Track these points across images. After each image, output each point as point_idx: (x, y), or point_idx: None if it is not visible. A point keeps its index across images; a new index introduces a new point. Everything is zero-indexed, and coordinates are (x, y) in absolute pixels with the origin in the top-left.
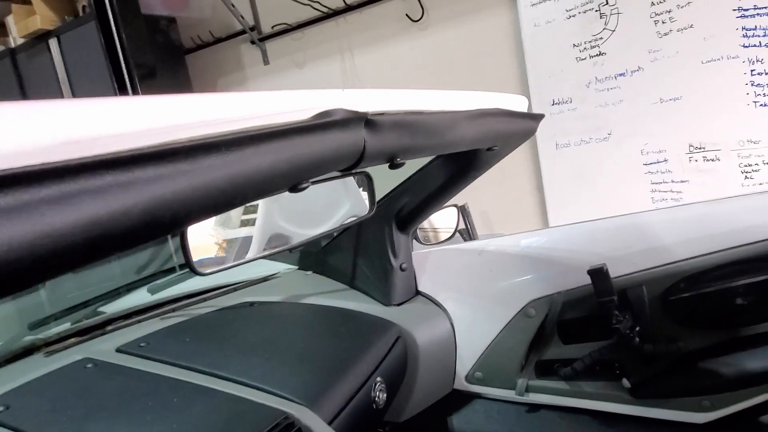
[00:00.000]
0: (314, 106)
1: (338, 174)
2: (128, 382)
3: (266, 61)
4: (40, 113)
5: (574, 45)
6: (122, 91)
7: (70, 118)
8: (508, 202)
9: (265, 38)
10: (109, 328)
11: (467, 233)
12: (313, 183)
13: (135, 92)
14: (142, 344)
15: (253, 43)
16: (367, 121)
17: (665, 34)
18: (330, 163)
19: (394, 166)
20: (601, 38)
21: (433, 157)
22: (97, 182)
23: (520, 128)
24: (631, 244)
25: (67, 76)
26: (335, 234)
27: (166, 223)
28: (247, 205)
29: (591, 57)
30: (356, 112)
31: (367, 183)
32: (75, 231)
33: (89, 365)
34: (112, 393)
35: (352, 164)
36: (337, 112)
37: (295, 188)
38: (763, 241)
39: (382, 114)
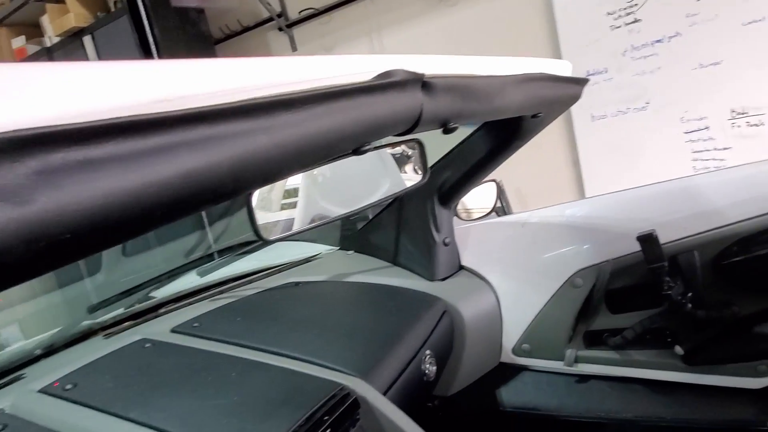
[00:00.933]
0: (375, 69)
1: (394, 141)
2: (186, 359)
3: (294, 47)
4: (134, 72)
5: (608, 13)
6: None
7: (159, 78)
8: (542, 178)
9: (292, 24)
10: (162, 310)
11: (502, 211)
12: (374, 149)
13: None
14: (195, 324)
15: (280, 29)
16: (424, 83)
17: None
18: (390, 126)
19: (447, 131)
20: (635, 4)
21: (476, 127)
22: (189, 135)
23: (565, 93)
24: (680, 208)
25: None
26: (386, 204)
27: (249, 179)
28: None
29: (626, 24)
30: (414, 73)
31: (419, 149)
32: (175, 181)
33: (147, 345)
34: (172, 369)
35: (410, 127)
36: (397, 73)
37: (357, 150)
38: None
39: (437, 77)
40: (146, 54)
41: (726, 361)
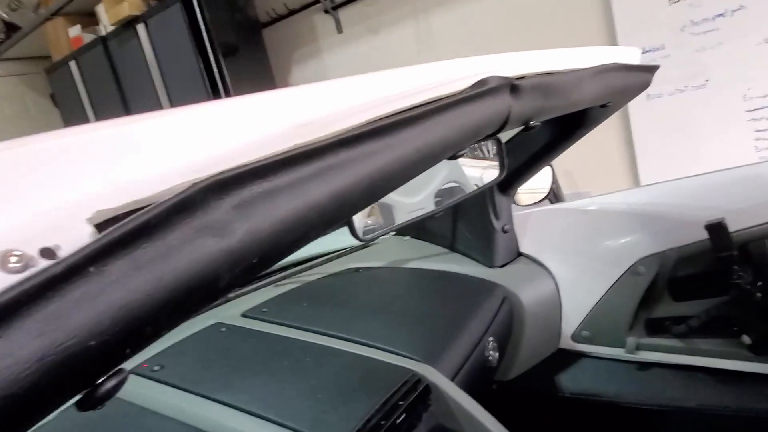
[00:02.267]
0: (469, 74)
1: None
2: (261, 343)
3: (340, 30)
4: (277, 103)
5: None
6: (208, 70)
7: (297, 105)
8: (594, 159)
9: (338, 6)
10: (231, 295)
11: (552, 194)
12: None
13: (220, 70)
14: (264, 309)
15: (326, 12)
16: (512, 86)
17: None
18: (482, 131)
19: (527, 129)
20: None
21: None
22: (335, 159)
23: (636, 82)
24: (751, 196)
25: (155, 58)
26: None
27: (379, 191)
28: None
29: None
30: (506, 78)
31: (497, 147)
32: (327, 201)
33: (222, 329)
34: (249, 353)
35: (496, 130)
36: (491, 80)
37: (454, 156)
38: None
39: (523, 77)
40: (198, 41)
41: None
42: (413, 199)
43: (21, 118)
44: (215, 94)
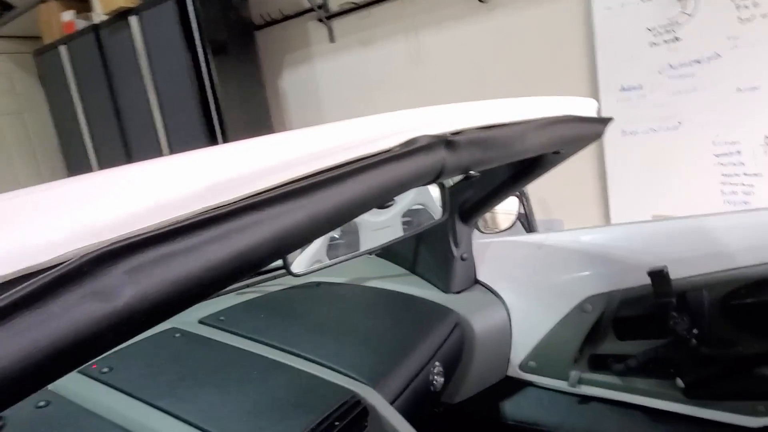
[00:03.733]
0: (400, 130)
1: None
2: (212, 353)
3: (332, 39)
4: (188, 165)
5: (648, 29)
6: (196, 66)
7: (210, 166)
8: (568, 188)
9: (332, 16)
10: None
11: (525, 218)
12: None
13: (208, 67)
14: (221, 317)
15: (320, 20)
16: (447, 142)
17: (747, 20)
18: (412, 183)
19: (467, 177)
20: (677, 23)
21: None
22: (240, 223)
23: (587, 133)
24: (693, 247)
25: (145, 51)
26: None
27: (286, 249)
28: None
29: (665, 42)
30: (437, 136)
31: (440, 190)
32: (228, 263)
33: (177, 334)
34: (199, 362)
35: (431, 180)
36: (422, 139)
37: (382, 206)
38: None
39: (459, 132)
40: (188, 38)
41: (725, 397)
42: (379, 218)
43: (6, 95)
44: (201, 91)
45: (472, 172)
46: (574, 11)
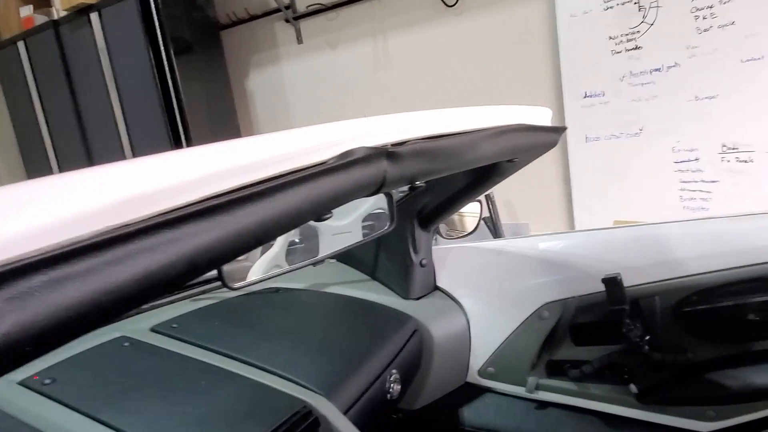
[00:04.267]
0: (338, 141)
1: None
2: (161, 362)
3: (300, 40)
4: (95, 180)
5: (611, 37)
6: (159, 65)
7: (123, 180)
8: (533, 192)
9: (299, 17)
10: (144, 307)
11: (492, 222)
12: None
13: (171, 66)
14: (174, 325)
15: (287, 21)
16: (388, 153)
17: (705, 30)
18: (352, 195)
19: (413, 188)
20: (638, 31)
21: None
22: (150, 242)
23: (541, 141)
24: (646, 255)
25: (107, 49)
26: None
27: (205, 267)
28: None
29: (627, 50)
30: (376, 148)
31: (387, 200)
32: (132, 285)
33: (126, 343)
34: (147, 372)
35: (373, 192)
36: (358, 151)
37: (319, 219)
38: None
39: (403, 143)
40: (151, 36)
41: (677, 403)
42: (340, 223)
43: None
44: (164, 90)
45: (418, 182)
46: (539, 18)
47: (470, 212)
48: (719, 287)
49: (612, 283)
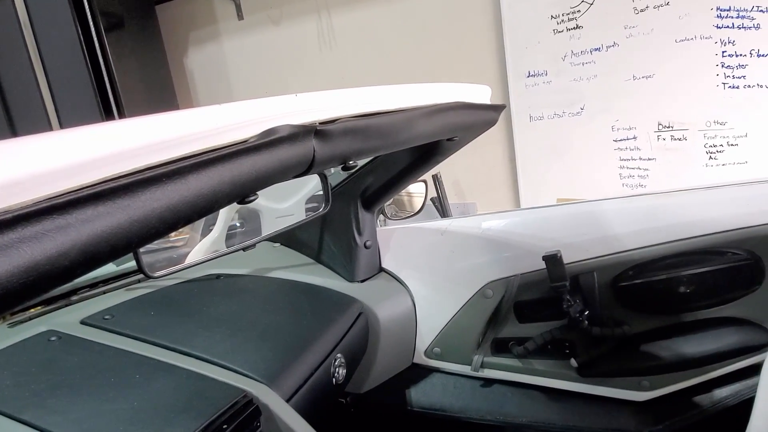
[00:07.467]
0: (262, 118)
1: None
2: (91, 356)
3: (240, 16)
4: None
5: (552, 17)
6: (88, 41)
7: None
8: (480, 172)
9: None
10: (75, 298)
11: (439, 201)
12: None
13: (101, 42)
14: (106, 317)
15: None
16: (316, 131)
17: (642, 10)
18: (278, 175)
19: (346, 168)
20: (578, 11)
21: None
22: (34, 229)
23: (480, 119)
24: (585, 231)
25: (30, 25)
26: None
27: (106, 256)
28: None
29: (568, 30)
30: (303, 126)
31: (322, 181)
32: (13, 278)
33: (53, 338)
34: (75, 368)
35: (302, 172)
36: (283, 129)
37: (243, 201)
38: (706, 235)
39: (333, 121)
40: (78, 9)
41: (615, 375)
42: (282, 205)
43: None
44: (95, 68)
45: (351, 162)
46: None
47: (418, 192)
48: (652, 261)
49: (552, 260)
